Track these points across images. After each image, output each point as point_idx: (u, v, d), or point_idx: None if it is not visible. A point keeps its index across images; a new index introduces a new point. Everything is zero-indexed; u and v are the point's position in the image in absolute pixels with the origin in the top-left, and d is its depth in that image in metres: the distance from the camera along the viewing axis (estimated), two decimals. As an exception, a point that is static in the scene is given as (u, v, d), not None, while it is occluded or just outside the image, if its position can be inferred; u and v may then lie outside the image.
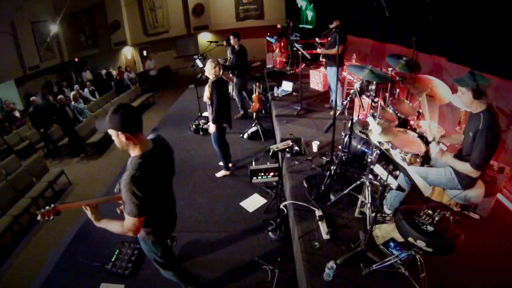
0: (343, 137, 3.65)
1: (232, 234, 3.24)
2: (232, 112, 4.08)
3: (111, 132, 1.63)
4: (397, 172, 2.61)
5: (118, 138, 1.63)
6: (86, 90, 10.23)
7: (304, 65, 7.92)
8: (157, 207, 1.79)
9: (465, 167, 2.16)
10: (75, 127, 7.37)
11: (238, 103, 6.28)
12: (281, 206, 3.34)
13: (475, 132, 2.08)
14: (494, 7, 2.93)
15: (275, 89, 6.92)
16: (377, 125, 2.56)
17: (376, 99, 3.29)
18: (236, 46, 5.73)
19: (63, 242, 3.53)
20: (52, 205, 1.76)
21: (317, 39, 5.70)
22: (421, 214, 1.92)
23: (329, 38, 5.16)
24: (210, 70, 3.66)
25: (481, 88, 2.00)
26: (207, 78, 3.86)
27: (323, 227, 2.76)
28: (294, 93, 6.65)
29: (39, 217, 1.71)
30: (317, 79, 6.83)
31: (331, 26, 4.57)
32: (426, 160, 2.69)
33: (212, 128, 3.88)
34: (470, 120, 2.24)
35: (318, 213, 2.96)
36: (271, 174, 4.02)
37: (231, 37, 5.77)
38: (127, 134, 1.60)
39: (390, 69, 3.78)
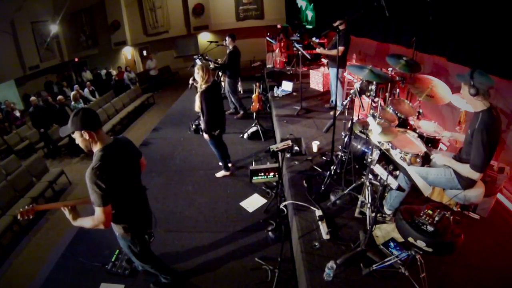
0: (343, 137, 3.65)
1: (232, 234, 3.24)
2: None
3: (76, 134, 1.77)
4: (397, 172, 2.60)
5: (82, 138, 1.77)
6: (86, 90, 10.23)
7: (306, 68, 7.92)
8: (124, 200, 1.91)
9: (465, 169, 2.16)
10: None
11: (235, 103, 6.29)
12: (281, 206, 3.34)
13: (473, 131, 2.09)
14: (494, 7, 2.93)
15: (275, 89, 6.92)
16: (377, 125, 2.56)
17: (376, 99, 3.29)
18: (230, 47, 5.72)
19: (63, 242, 3.52)
20: (31, 205, 1.85)
21: (314, 38, 5.69)
22: (421, 214, 1.92)
23: (333, 38, 5.14)
24: (196, 75, 3.49)
25: (476, 86, 2.00)
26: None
27: (323, 227, 2.76)
28: (294, 93, 6.65)
29: (18, 216, 1.81)
30: (317, 79, 6.83)
31: (335, 25, 4.51)
32: (426, 160, 2.68)
33: (206, 137, 3.84)
34: (472, 119, 2.25)
35: (318, 213, 2.95)
36: (271, 174, 4.05)
37: (227, 37, 5.76)
38: (90, 131, 1.74)
39: (390, 69, 3.78)
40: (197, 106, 3.64)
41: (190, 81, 4.04)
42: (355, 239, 2.60)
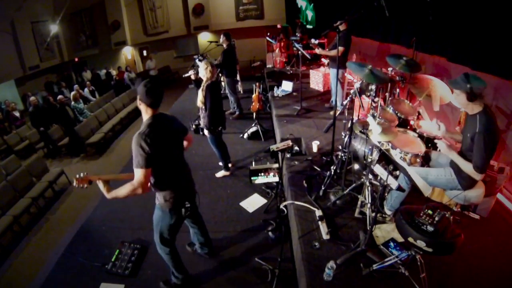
0: (343, 137, 3.65)
1: (232, 234, 3.23)
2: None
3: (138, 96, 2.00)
4: (397, 172, 2.60)
5: (139, 100, 2.01)
6: (86, 90, 10.24)
7: (306, 68, 7.92)
8: (167, 168, 2.07)
9: (468, 168, 2.15)
10: (75, 127, 7.38)
11: (234, 102, 6.29)
12: (281, 206, 3.34)
13: (473, 134, 2.08)
14: (494, 7, 2.93)
15: (275, 89, 6.92)
16: (377, 125, 2.56)
17: (376, 99, 3.29)
18: (224, 45, 5.71)
19: (63, 242, 3.52)
20: (86, 173, 2.02)
21: (313, 40, 5.69)
22: (421, 214, 1.92)
23: (334, 39, 5.13)
24: (202, 71, 3.53)
25: (475, 91, 2.00)
26: (198, 80, 3.73)
27: (323, 227, 2.76)
28: (294, 93, 6.65)
29: (75, 183, 1.99)
30: (317, 79, 6.83)
31: (335, 25, 4.49)
32: (426, 160, 2.68)
33: (206, 133, 3.84)
34: (468, 121, 2.24)
35: (318, 213, 2.96)
36: (271, 174, 4.05)
37: (221, 35, 5.73)
38: (149, 107, 1.99)
39: (390, 69, 3.79)
40: (199, 101, 3.65)
41: (190, 72, 4.08)
42: (355, 239, 2.60)
